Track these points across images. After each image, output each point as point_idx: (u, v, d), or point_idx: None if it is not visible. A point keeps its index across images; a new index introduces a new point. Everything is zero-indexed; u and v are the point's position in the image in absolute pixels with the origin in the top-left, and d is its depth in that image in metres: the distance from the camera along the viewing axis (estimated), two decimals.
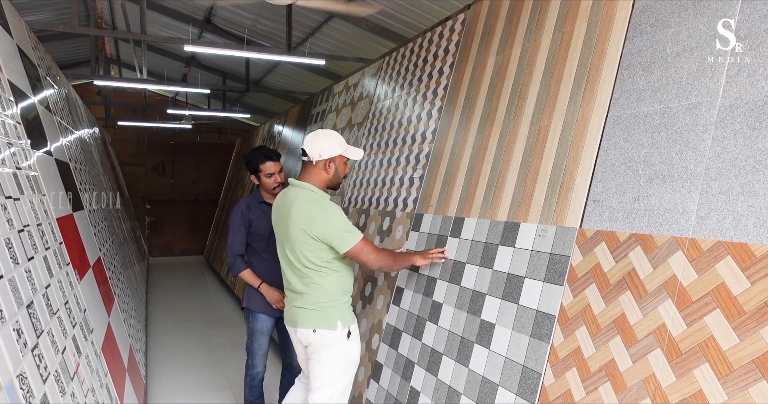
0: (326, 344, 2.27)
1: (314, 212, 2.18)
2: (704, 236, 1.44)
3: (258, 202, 3.16)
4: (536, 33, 2.35)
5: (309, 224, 2.17)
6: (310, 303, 2.28)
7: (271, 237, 3.09)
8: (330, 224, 2.17)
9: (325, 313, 2.27)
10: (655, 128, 1.67)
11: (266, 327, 3.12)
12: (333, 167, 2.32)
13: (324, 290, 2.27)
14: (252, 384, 3.18)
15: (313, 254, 2.22)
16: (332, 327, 2.26)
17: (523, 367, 1.89)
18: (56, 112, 3.52)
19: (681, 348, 1.41)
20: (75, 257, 2.48)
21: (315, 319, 2.27)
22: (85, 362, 1.98)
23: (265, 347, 3.15)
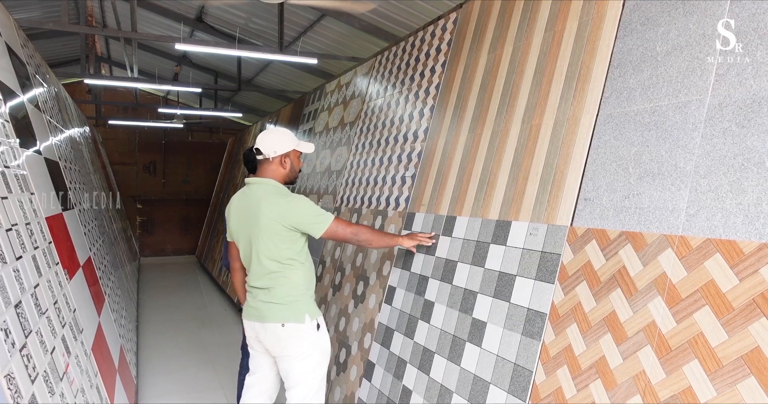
0: (296, 336, 2.28)
1: (286, 203, 2.25)
2: (693, 233, 1.45)
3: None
4: (527, 32, 2.36)
5: (283, 215, 2.22)
6: (278, 298, 2.28)
7: None
8: (303, 211, 2.24)
9: (293, 306, 2.28)
10: (646, 127, 1.68)
11: None
12: (288, 162, 2.40)
13: (292, 284, 2.29)
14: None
15: (287, 245, 2.26)
16: (300, 320, 2.27)
17: (515, 365, 1.90)
18: (46, 110, 3.49)
19: (671, 344, 1.42)
20: (64, 256, 2.46)
21: (283, 313, 2.27)
22: (75, 362, 1.96)
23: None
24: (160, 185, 12.12)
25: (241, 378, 3.17)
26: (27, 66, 3.14)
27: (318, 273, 3.92)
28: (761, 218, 1.31)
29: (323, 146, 4.66)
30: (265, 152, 2.35)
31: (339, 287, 3.50)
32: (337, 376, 3.18)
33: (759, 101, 1.38)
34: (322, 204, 4.25)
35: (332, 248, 3.79)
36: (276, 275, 2.29)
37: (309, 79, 8.66)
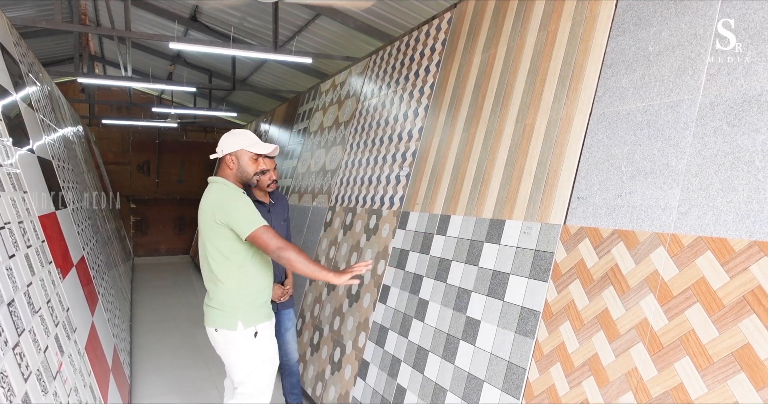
0: (229, 343, 2.25)
1: (221, 199, 2.22)
2: (685, 231, 1.46)
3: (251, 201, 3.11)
4: (521, 32, 2.37)
5: (215, 210, 2.20)
6: (215, 302, 2.27)
7: None
8: (235, 208, 2.18)
9: (226, 313, 2.24)
10: (638, 126, 1.69)
11: None
12: (235, 162, 2.35)
13: (226, 289, 2.24)
14: None
15: (219, 243, 2.21)
16: (232, 327, 2.22)
17: (509, 363, 1.91)
18: (39, 109, 3.47)
19: (662, 341, 1.43)
20: (58, 255, 2.45)
21: (217, 318, 2.25)
22: (68, 361, 1.96)
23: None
24: (154, 184, 12.07)
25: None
26: (20, 64, 3.12)
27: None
28: (751, 216, 1.32)
29: (318, 145, 4.66)
30: (217, 150, 2.36)
31: (333, 286, 3.51)
32: (331, 375, 3.18)
33: (749, 100, 1.40)
34: (316, 203, 4.25)
35: (327, 247, 3.80)
36: (213, 278, 2.25)
37: (304, 78, 8.65)
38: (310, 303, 3.82)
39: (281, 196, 3.32)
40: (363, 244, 3.27)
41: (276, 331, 3.13)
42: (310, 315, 3.76)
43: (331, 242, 3.75)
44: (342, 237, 3.60)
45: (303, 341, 3.74)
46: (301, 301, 4.00)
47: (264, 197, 3.13)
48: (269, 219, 3.11)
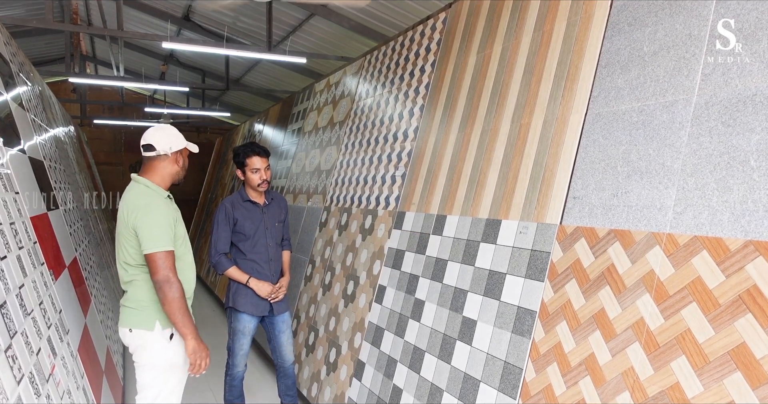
0: (142, 345, 2.15)
1: (140, 204, 2.12)
2: (681, 231, 1.47)
3: (243, 200, 3.06)
4: (516, 32, 2.37)
5: (130, 214, 2.11)
6: (131, 301, 2.18)
7: (256, 237, 3.03)
8: (148, 219, 2.08)
9: (143, 312, 2.15)
10: (633, 126, 1.69)
11: (248, 327, 3.04)
12: (182, 160, 2.30)
13: (144, 289, 2.17)
14: (232, 384, 3.12)
15: (134, 249, 2.13)
16: (149, 327, 2.14)
17: (505, 363, 1.91)
18: (30, 109, 3.44)
19: (659, 341, 1.44)
20: (50, 256, 2.42)
21: (132, 318, 2.16)
22: (61, 363, 1.94)
23: (246, 347, 3.08)
24: None
25: (227, 378, 3.14)
26: (10, 64, 3.09)
27: (308, 273, 3.91)
28: (747, 216, 1.33)
29: (312, 145, 4.65)
30: (160, 148, 2.20)
31: (329, 286, 3.50)
32: (327, 376, 3.17)
33: (744, 100, 1.40)
34: (311, 204, 4.24)
35: (322, 247, 3.78)
36: (130, 278, 2.18)
37: (298, 78, 8.64)
38: (305, 304, 3.81)
39: (279, 197, 3.27)
40: (358, 244, 3.26)
41: (270, 333, 3.15)
42: (305, 315, 3.74)
43: (327, 242, 3.73)
44: (337, 237, 3.59)
45: (298, 341, 3.73)
46: (296, 302, 3.98)
47: (258, 197, 3.10)
48: (262, 221, 3.07)
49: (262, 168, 3.01)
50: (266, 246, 3.06)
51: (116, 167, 11.71)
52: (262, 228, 3.05)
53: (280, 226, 3.17)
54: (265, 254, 3.05)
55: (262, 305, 3.03)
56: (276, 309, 3.08)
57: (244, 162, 2.99)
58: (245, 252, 3.03)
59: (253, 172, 2.99)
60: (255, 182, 3.01)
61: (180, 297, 2.08)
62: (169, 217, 2.16)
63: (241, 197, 3.08)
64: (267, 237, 3.06)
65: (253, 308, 3.02)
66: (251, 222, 3.02)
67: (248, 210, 3.05)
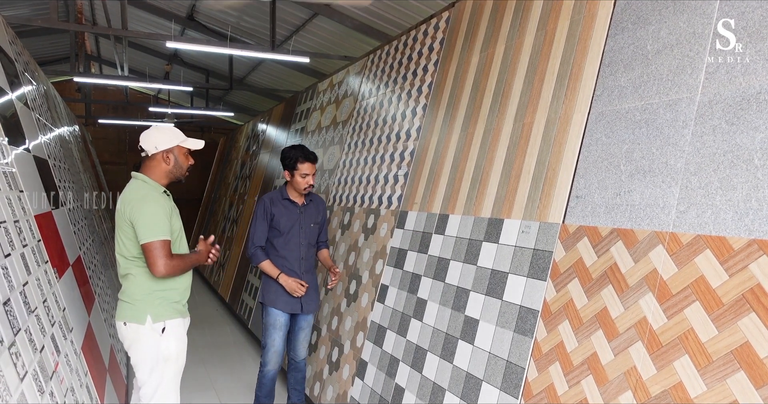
0: (135, 339, 2.21)
1: (136, 196, 2.20)
2: (684, 230, 1.46)
3: (282, 198, 3.13)
4: (520, 31, 2.37)
5: (126, 206, 2.18)
6: (126, 295, 2.24)
7: (290, 235, 3.08)
8: (144, 210, 2.16)
9: (136, 306, 2.21)
10: (636, 124, 1.69)
11: (279, 321, 3.05)
12: (172, 158, 2.34)
13: (137, 283, 2.22)
14: (262, 382, 3.14)
15: (130, 241, 2.20)
16: (140, 321, 2.19)
17: (507, 362, 1.91)
18: (35, 108, 3.45)
19: (661, 340, 1.43)
20: (54, 255, 2.44)
21: (126, 312, 2.22)
22: (65, 361, 1.95)
23: (279, 343, 3.06)
24: None
25: (259, 374, 3.14)
26: (15, 63, 3.11)
27: None
28: (750, 215, 1.32)
29: (316, 145, 4.65)
30: (146, 148, 2.29)
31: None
32: (329, 375, 3.17)
33: (748, 98, 1.40)
34: None
35: None
36: (125, 272, 2.24)
37: (301, 78, 8.64)
38: None
39: (319, 199, 3.31)
40: (361, 244, 3.26)
41: (290, 329, 3.16)
42: None
43: (329, 241, 3.73)
44: (340, 237, 3.59)
45: None
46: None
47: (298, 197, 3.15)
48: (299, 219, 3.11)
49: (311, 174, 3.07)
50: (299, 245, 3.10)
51: (121, 167, 11.75)
52: (297, 227, 3.10)
53: (315, 227, 3.20)
54: (296, 252, 3.09)
55: (292, 302, 3.06)
56: (305, 308, 3.10)
57: (295, 166, 3.04)
58: (278, 248, 3.08)
59: (302, 176, 3.05)
60: (302, 186, 3.07)
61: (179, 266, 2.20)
62: (165, 208, 2.22)
63: (281, 194, 3.15)
64: (300, 236, 3.10)
65: (283, 305, 3.05)
66: (287, 220, 3.07)
67: (286, 208, 3.11)
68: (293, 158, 3.04)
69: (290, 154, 3.06)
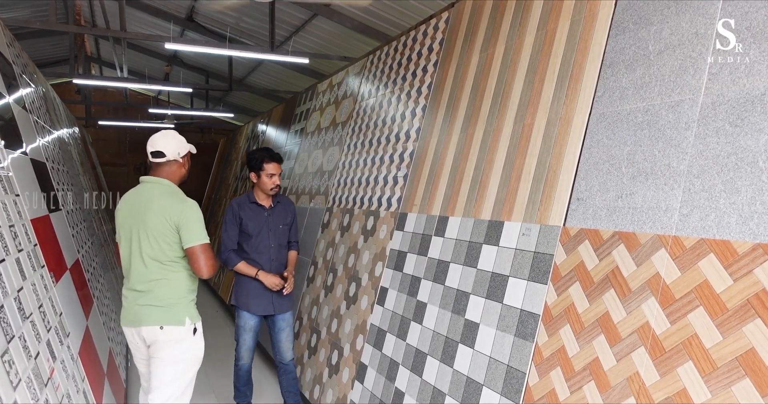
0: (173, 340, 2.27)
1: (180, 202, 2.30)
2: (687, 233, 1.44)
3: (249, 202, 3.19)
4: (520, 31, 2.34)
5: (171, 211, 2.26)
6: (158, 300, 2.27)
7: (260, 237, 3.14)
8: (192, 215, 2.29)
9: (173, 309, 2.28)
10: (638, 126, 1.66)
11: (249, 324, 3.15)
12: (187, 163, 2.50)
13: (173, 287, 2.30)
14: (239, 374, 3.26)
15: (169, 245, 2.28)
16: (181, 322, 2.28)
17: (508, 367, 1.88)
18: (33, 111, 3.43)
19: (665, 346, 1.41)
20: (51, 259, 2.41)
21: (163, 316, 2.26)
22: (60, 367, 1.92)
23: (249, 342, 3.18)
24: None
25: (235, 368, 3.25)
26: (13, 65, 3.09)
27: (310, 274, 3.89)
28: (755, 218, 1.30)
29: (315, 146, 4.63)
30: (169, 153, 2.37)
31: (331, 288, 3.48)
32: (329, 378, 3.15)
33: (752, 100, 1.37)
34: (314, 204, 4.22)
35: (324, 249, 3.77)
36: (158, 277, 2.28)
37: (301, 79, 8.63)
38: (308, 305, 3.79)
39: (287, 201, 3.38)
40: (360, 246, 3.24)
41: (270, 330, 3.25)
42: (308, 317, 3.73)
43: (329, 243, 3.72)
44: (339, 239, 3.57)
45: (300, 343, 3.71)
46: (298, 303, 3.97)
47: (265, 200, 3.21)
48: (266, 222, 3.17)
49: (277, 174, 3.15)
50: (268, 247, 3.17)
51: (121, 168, 11.74)
52: (265, 230, 3.17)
53: (285, 228, 3.27)
54: (266, 255, 3.15)
55: (263, 304, 3.14)
56: (278, 308, 3.16)
57: (261, 166, 3.10)
58: (248, 251, 3.15)
59: (269, 177, 3.12)
60: (268, 187, 3.14)
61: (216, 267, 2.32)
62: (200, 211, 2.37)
63: (248, 198, 3.23)
64: (270, 238, 3.18)
65: (255, 307, 3.13)
66: (255, 223, 3.14)
67: (253, 211, 3.18)
68: (259, 159, 3.11)
69: (256, 155, 3.14)
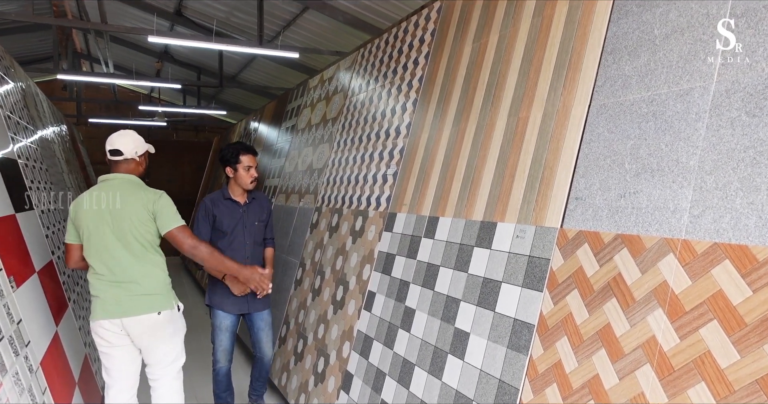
0: (169, 320, 2.50)
1: (151, 193, 2.49)
2: (699, 237, 1.28)
3: (224, 198, 3.08)
4: (515, 18, 2.19)
5: (147, 201, 2.43)
6: (150, 289, 2.43)
7: (234, 234, 3.04)
8: (165, 202, 2.47)
9: (167, 295, 2.50)
10: (643, 118, 1.51)
11: (224, 323, 3.06)
12: (146, 161, 2.67)
13: (160, 276, 2.48)
14: (218, 379, 3.15)
15: (151, 235, 2.45)
16: (172, 306, 2.52)
17: (500, 381, 1.73)
18: (5, 106, 3.27)
19: (673, 364, 1.25)
20: (12, 262, 2.25)
21: (160, 302, 2.45)
22: (12, 381, 1.77)
23: (226, 343, 3.09)
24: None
25: (213, 372, 3.15)
26: None
27: (298, 277, 3.73)
28: None
29: (305, 143, 4.47)
30: (128, 152, 2.51)
31: (318, 291, 3.32)
32: (314, 387, 2.99)
33: None
34: (303, 204, 4.07)
35: (312, 250, 3.61)
36: (145, 265, 2.43)
37: (292, 75, 8.46)
38: (295, 309, 3.63)
39: (263, 197, 3.30)
40: (349, 247, 3.08)
41: (249, 329, 3.20)
42: (295, 321, 3.57)
43: (317, 244, 3.56)
44: (328, 240, 3.41)
45: (287, 349, 3.55)
46: (285, 306, 3.81)
47: (240, 196, 3.12)
48: (241, 219, 3.07)
49: (254, 166, 3.06)
50: (243, 244, 3.07)
51: None
52: (240, 226, 3.07)
53: (260, 225, 3.16)
54: (241, 252, 3.05)
55: (239, 303, 3.05)
56: (252, 307, 3.09)
57: (238, 160, 3.02)
58: (222, 249, 3.01)
59: (246, 169, 3.04)
60: (247, 180, 3.06)
61: (212, 251, 2.46)
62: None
63: (222, 195, 3.11)
64: (245, 235, 3.08)
65: (230, 307, 3.04)
66: (229, 220, 3.04)
67: (228, 208, 3.07)
68: (233, 152, 3.04)
69: (230, 149, 3.07)
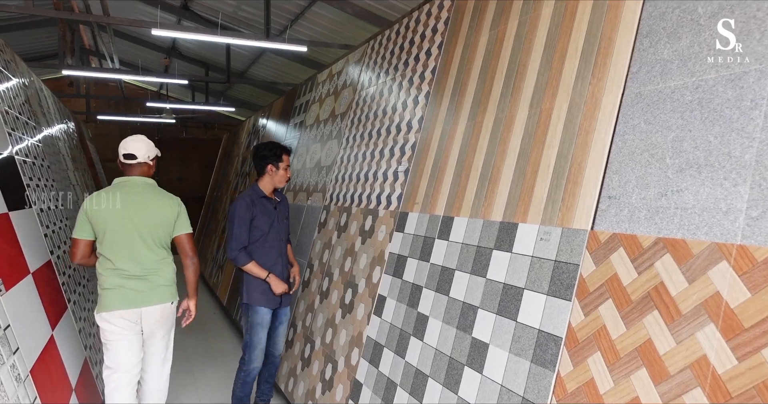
0: (173, 313, 2.73)
1: (172, 198, 2.74)
2: (758, 242, 1.11)
3: (260, 197, 3.10)
4: (535, 3, 2.02)
5: (172, 204, 2.69)
6: (167, 280, 2.67)
7: (270, 232, 3.09)
8: (183, 209, 2.76)
9: (173, 288, 2.71)
10: (686, 106, 1.34)
11: (266, 319, 3.06)
12: (155, 165, 2.83)
13: (170, 268, 2.70)
14: (246, 380, 3.10)
15: (167, 234, 2.68)
16: (176, 298, 2.74)
17: (523, 399, 1.57)
18: (3, 101, 3.16)
19: (730, 389, 1.09)
20: (2, 263, 2.13)
21: (172, 294, 2.69)
22: None
23: (264, 341, 3.08)
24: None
25: (242, 373, 3.11)
26: None
27: (305, 278, 3.60)
28: None
29: (314, 139, 4.33)
30: (140, 156, 2.68)
31: (327, 294, 3.18)
32: (322, 395, 2.85)
33: None
34: (311, 202, 3.93)
35: (320, 250, 3.47)
36: (160, 260, 2.64)
37: (301, 70, 8.33)
38: (302, 312, 3.49)
39: (283, 195, 3.35)
40: (358, 248, 2.94)
41: (271, 323, 3.14)
42: (302, 324, 3.43)
43: (325, 244, 3.42)
44: (336, 240, 3.27)
45: (294, 353, 3.42)
46: (293, 309, 3.67)
47: (271, 194, 3.17)
48: (275, 216, 3.14)
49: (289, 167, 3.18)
50: (278, 241, 3.12)
51: None
52: (275, 224, 3.12)
53: (286, 222, 3.25)
54: (277, 249, 3.10)
55: (275, 299, 3.08)
56: (284, 301, 3.13)
57: (281, 158, 3.10)
58: (261, 247, 3.05)
59: (285, 169, 3.13)
60: (285, 178, 3.14)
61: (197, 264, 2.77)
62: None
63: (257, 193, 3.12)
64: (280, 232, 3.14)
65: (267, 302, 3.05)
66: (267, 217, 3.08)
67: (264, 206, 3.11)
68: (278, 151, 3.10)
69: (272, 147, 3.12)
